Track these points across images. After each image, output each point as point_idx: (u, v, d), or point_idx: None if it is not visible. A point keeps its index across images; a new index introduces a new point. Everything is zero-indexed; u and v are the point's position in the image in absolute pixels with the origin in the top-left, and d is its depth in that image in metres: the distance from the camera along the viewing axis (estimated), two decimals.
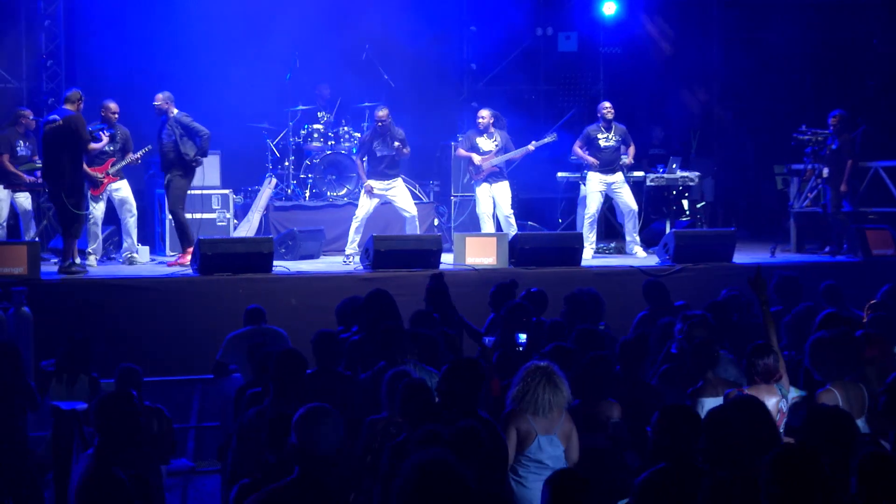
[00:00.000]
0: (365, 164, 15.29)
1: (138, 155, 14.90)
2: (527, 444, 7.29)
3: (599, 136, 15.74)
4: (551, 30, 19.91)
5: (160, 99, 14.64)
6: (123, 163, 14.82)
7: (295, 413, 5.74)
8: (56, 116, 13.62)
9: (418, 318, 9.81)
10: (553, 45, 20.07)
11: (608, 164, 15.71)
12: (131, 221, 14.91)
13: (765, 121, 20.50)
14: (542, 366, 7.38)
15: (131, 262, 14.86)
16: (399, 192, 15.33)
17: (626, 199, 15.74)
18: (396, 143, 14.98)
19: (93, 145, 13.96)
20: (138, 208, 15.19)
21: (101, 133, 14.48)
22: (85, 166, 14.39)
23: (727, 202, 20.23)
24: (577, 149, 15.88)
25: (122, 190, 14.95)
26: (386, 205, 15.49)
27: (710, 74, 21.08)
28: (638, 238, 15.78)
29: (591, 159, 15.64)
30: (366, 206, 15.17)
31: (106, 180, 14.76)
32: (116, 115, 14.81)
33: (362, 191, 15.28)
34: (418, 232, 15.16)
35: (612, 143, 15.72)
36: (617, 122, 15.86)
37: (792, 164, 17.03)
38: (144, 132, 15.21)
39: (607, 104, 15.90)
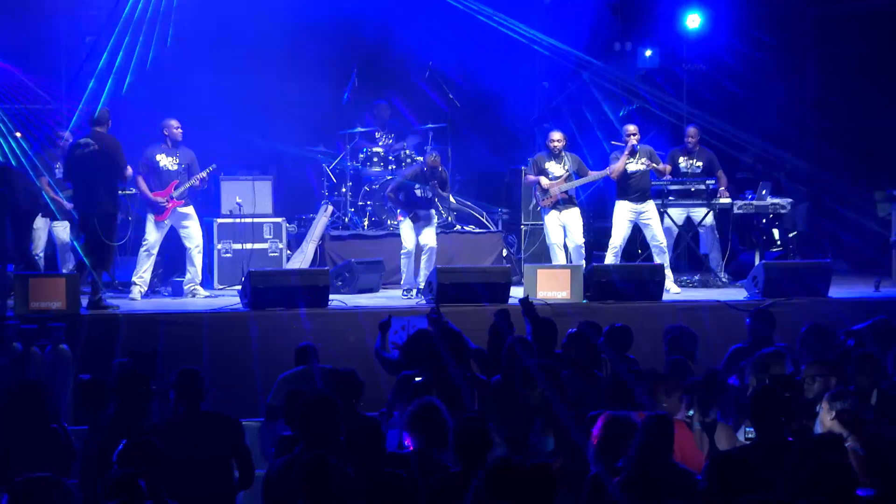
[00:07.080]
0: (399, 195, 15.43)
1: (204, 174, 14.95)
2: None
3: (629, 161, 15.59)
4: (630, 45, 19.88)
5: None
6: (187, 185, 14.82)
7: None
8: (89, 140, 13.55)
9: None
10: (632, 61, 20.03)
11: (637, 190, 15.64)
12: (195, 251, 14.92)
13: (864, 142, 20.22)
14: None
15: (194, 294, 14.86)
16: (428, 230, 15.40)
17: (655, 231, 15.61)
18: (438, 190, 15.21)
19: (129, 171, 13.94)
20: None
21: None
22: (147, 191, 14.61)
23: (823, 231, 19.98)
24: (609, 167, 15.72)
25: (189, 216, 14.97)
26: (449, 234, 15.41)
27: (804, 92, 20.86)
28: (671, 274, 15.48)
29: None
30: (411, 236, 15.23)
31: (170, 205, 14.72)
32: (180, 133, 14.90)
33: (403, 223, 15.34)
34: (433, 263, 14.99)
35: (640, 167, 15.62)
36: (643, 145, 15.75)
37: (894, 190, 16.86)
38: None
39: (631, 127, 15.80)
